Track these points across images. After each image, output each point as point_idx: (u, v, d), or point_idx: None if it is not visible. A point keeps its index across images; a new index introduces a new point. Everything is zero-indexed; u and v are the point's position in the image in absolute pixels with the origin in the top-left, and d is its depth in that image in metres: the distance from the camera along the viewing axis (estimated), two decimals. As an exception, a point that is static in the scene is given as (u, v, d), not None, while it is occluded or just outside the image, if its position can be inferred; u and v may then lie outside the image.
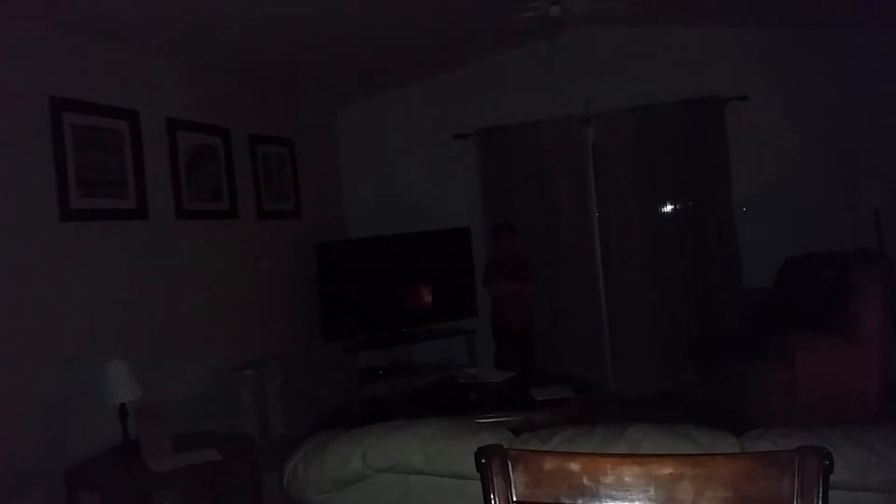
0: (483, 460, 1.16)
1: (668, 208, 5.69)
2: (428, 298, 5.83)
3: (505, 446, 1.19)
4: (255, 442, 3.64)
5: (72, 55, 3.45)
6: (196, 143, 4.36)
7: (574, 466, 1.13)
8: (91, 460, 3.18)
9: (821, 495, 1.06)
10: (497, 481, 1.15)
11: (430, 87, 5.99)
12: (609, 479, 1.12)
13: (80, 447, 3.20)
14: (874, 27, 5.00)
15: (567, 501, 1.14)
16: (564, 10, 3.51)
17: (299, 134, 5.59)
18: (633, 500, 1.11)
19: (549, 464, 1.15)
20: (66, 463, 3.10)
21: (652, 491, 1.10)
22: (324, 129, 6.17)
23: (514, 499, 1.15)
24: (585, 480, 1.13)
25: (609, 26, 5.37)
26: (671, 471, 1.10)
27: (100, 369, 3.18)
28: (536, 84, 5.72)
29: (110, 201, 3.65)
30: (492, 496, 1.15)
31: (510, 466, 1.16)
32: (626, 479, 1.12)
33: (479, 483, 1.18)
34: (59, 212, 3.31)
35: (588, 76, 5.61)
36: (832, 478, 1.08)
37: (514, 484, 1.15)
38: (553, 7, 3.51)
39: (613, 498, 1.12)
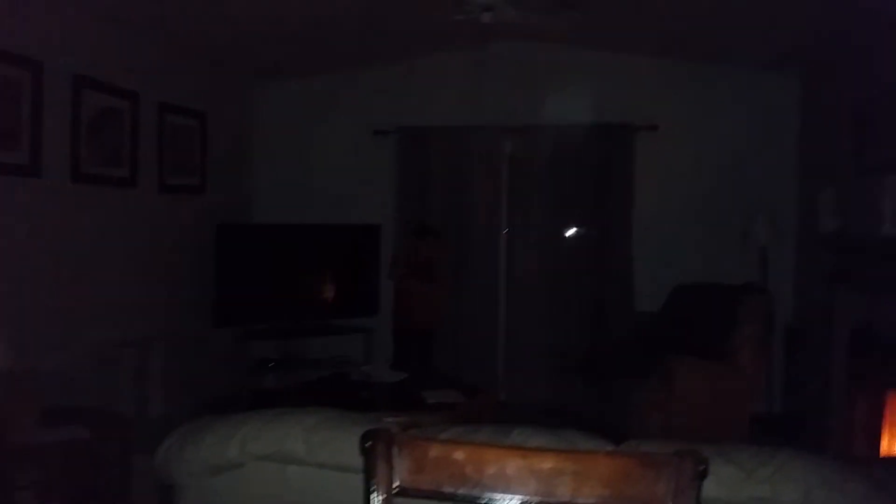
0: (368, 443, 1.14)
1: (573, 227, 5.85)
2: (329, 293, 5.74)
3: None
4: (131, 421, 3.47)
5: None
6: (102, 104, 4.14)
7: (459, 455, 1.13)
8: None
9: (695, 498, 1.10)
10: (380, 465, 1.13)
11: (355, 78, 5.91)
12: (492, 470, 1.12)
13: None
14: (776, 68, 5.30)
15: (449, 490, 1.13)
16: (496, 17, 3.55)
17: (213, 108, 5.40)
18: (513, 493, 1.11)
19: (434, 451, 1.14)
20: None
21: (532, 484, 1.11)
22: (239, 106, 5.97)
23: (396, 484, 1.13)
24: (468, 470, 1.12)
25: (537, 42, 5.46)
26: (552, 465, 1.11)
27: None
28: (462, 89, 5.73)
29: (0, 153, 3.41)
30: (373, 480, 1.13)
31: (395, 451, 1.14)
32: (508, 471, 1.12)
33: (361, 477, 1.15)
34: (-63, 156, 3.07)
35: (513, 89, 5.67)
36: (703, 493, 1.12)
37: (397, 469, 1.14)
38: (485, 13, 3.55)
39: (494, 489, 1.12)
